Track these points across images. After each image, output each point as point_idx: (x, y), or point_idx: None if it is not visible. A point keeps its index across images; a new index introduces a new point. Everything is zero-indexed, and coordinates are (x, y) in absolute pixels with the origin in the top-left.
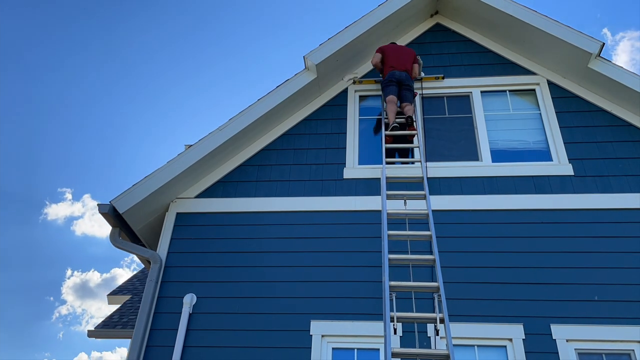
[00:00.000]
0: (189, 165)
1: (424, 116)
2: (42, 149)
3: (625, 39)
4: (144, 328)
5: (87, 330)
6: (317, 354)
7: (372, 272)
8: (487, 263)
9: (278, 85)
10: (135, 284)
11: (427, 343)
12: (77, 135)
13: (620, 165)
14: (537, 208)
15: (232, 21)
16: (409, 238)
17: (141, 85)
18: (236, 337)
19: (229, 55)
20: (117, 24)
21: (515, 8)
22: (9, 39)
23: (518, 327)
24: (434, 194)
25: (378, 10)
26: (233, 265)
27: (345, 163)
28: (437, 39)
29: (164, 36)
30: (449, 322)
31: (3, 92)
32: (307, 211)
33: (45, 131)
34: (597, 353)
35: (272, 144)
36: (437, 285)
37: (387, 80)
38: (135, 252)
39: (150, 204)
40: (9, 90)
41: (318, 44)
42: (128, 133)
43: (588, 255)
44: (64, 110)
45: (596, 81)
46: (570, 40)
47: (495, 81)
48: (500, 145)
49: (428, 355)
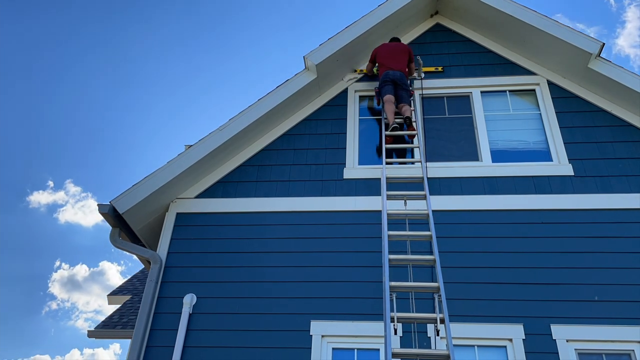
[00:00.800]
0: (189, 165)
1: (424, 116)
2: (38, 142)
3: (632, 5)
4: (144, 328)
5: (87, 331)
6: (317, 354)
7: (372, 272)
8: (487, 263)
9: (278, 85)
10: (135, 284)
11: (427, 343)
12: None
13: (620, 165)
14: (537, 208)
15: (233, 22)
16: (409, 238)
17: (141, 85)
18: (236, 337)
19: (229, 56)
20: (120, 26)
21: (516, 8)
22: (15, 40)
23: (518, 327)
24: (434, 194)
25: (378, 11)
26: (233, 266)
27: (345, 163)
28: (437, 39)
29: (165, 37)
30: (449, 322)
31: (4, 91)
32: (307, 211)
33: (40, 125)
34: (597, 353)
35: (272, 144)
36: (437, 285)
37: (382, 80)
38: (135, 252)
39: (150, 204)
40: (9, 89)
41: (318, 44)
42: (127, 133)
43: (588, 255)
44: (63, 107)
45: (596, 81)
46: (570, 40)
47: (495, 81)
48: (500, 146)
49: (428, 356)
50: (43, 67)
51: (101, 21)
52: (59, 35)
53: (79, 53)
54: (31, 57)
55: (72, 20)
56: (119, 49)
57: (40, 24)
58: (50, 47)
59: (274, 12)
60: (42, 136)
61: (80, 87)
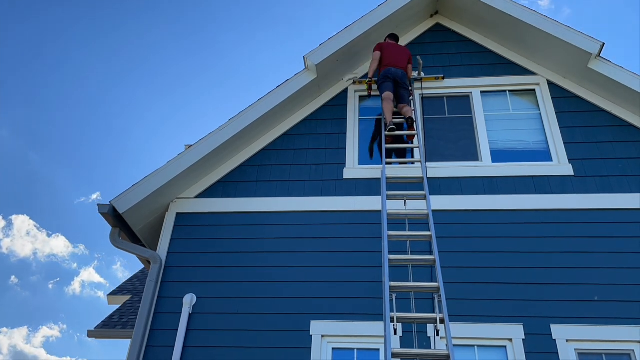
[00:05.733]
0: (189, 165)
1: (424, 116)
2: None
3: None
4: (144, 328)
5: (87, 331)
6: (317, 354)
7: (372, 272)
8: (487, 263)
9: (278, 85)
10: (135, 284)
11: (427, 343)
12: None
13: (620, 165)
14: (537, 208)
15: (234, 21)
16: (409, 238)
17: (141, 85)
18: (236, 337)
19: (229, 56)
20: (120, 23)
21: (515, 8)
22: (14, 37)
23: (518, 327)
24: (434, 194)
25: (378, 11)
26: (233, 266)
27: (345, 163)
28: (437, 39)
29: (165, 36)
30: (449, 323)
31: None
32: (307, 211)
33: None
34: (597, 353)
35: (272, 144)
36: (437, 285)
37: (383, 76)
38: (135, 252)
39: (150, 204)
40: (9, 88)
41: (318, 44)
42: (129, 132)
43: (588, 255)
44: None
45: (596, 81)
46: (570, 40)
47: (495, 81)
48: (500, 146)
49: (428, 356)
50: (41, 68)
51: (105, 21)
52: (62, 33)
53: (76, 50)
54: (30, 57)
55: (76, 20)
56: (115, 45)
57: (39, 22)
58: (53, 44)
59: (275, 12)
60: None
61: (79, 87)
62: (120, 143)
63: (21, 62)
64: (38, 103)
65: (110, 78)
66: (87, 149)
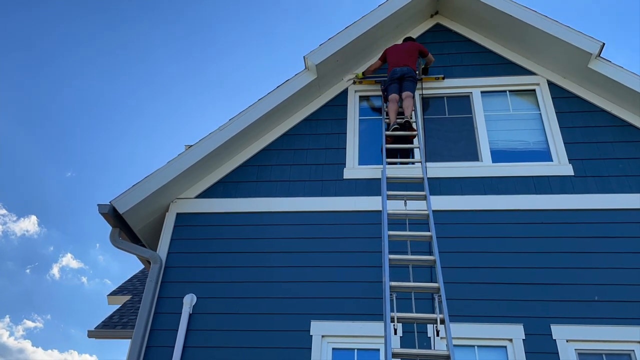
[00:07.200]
0: (189, 165)
1: (424, 116)
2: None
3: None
4: (144, 328)
5: (87, 331)
6: (317, 354)
7: (372, 272)
8: (487, 263)
9: (278, 85)
10: (135, 284)
11: (427, 343)
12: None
13: (620, 165)
14: (537, 208)
15: (234, 21)
16: (410, 238)
17: (141, 85)
18: (236, 337)
19: (229, 56)
20: (119, 22)
21: (515, 8)
22: (11, 33)
23: (518, 327)
24: (434, 194)
25: (378, 11)
26: (233, 266)
27: (346, 163)
28: (438, 39)
29: (165, 36)
30: (449, 323)
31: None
32: (307, 211)
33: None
34: (597, 353)
35: (272, 144)
36: (438, 285)
37: (390, 78)
38: (135, 252)
39: (150, 204)
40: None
41: (318, 44)
42: (127, 132)
43: (588, 255)
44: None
45: (596, 81)
46: (570, 40)
47: (495, 81)
48: (500, 146)
49: (428, 356)
50: (41, 68)
51: (103, 20)
52: (62, 32)
53: (76, 50)
54: (32, 57)
55: (74, 18)
56: (115, 45)
57: (37, 18)
58: (53, 43)
59: (275, 12)
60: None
61: (78, 87)
62: (120, 143)
63: (16, 60)
64: (36, 103)
65: (110, 77)
66: (88, 149)
